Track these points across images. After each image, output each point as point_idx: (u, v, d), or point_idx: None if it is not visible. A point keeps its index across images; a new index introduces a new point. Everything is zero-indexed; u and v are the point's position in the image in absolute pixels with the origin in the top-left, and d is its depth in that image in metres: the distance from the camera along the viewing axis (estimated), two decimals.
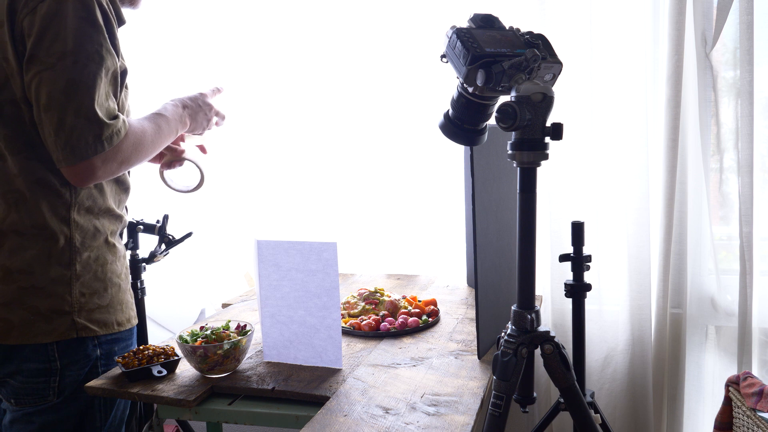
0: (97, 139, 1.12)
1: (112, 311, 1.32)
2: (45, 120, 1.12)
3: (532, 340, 0.97)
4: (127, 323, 1.36)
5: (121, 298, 1.35)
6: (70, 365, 1.26)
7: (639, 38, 1.82)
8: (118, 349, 1.34)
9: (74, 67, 1.11)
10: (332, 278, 1.23)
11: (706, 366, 1.95)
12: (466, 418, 1.04)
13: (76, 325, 1.25)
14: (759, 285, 1.79)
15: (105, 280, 1.30)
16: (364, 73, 2.10)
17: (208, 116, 1.44)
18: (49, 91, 1.10)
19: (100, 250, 1.30)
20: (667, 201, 1.81)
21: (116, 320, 1.33)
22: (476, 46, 0.90)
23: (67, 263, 1.24)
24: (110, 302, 1.31)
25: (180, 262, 2.15)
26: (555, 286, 1.94)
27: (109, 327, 1.31)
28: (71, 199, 1.24)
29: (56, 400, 1.26)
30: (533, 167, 0.93)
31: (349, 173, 2.18)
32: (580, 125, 1.89)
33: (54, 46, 1.11)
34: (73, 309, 1.25)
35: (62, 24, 1.11)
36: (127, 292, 1.39)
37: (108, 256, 1.32)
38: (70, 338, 1.24)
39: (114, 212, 1.34)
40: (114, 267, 1.34)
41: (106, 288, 1.30)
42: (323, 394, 1.15)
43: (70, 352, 1.25)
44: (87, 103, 1.11)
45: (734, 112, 1.80)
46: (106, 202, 1.31)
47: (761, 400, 1.46)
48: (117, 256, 1.36)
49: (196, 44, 2.18)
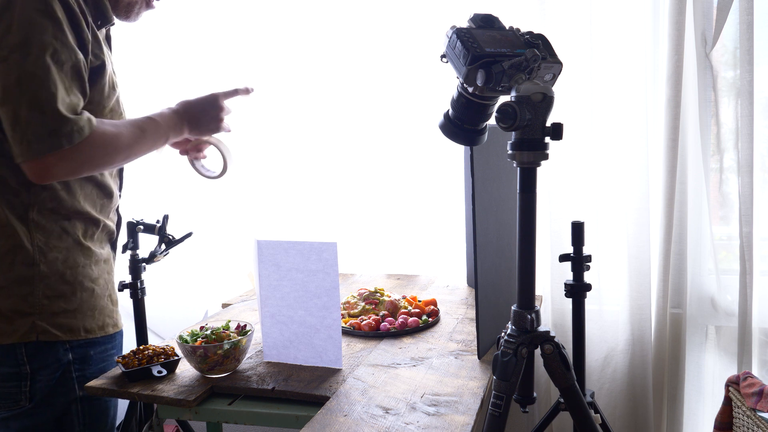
0: (53, 134, 1.08)
1: (80, 317, 1.26)
2: (2, 115, 1.09)
3: (532, 340, 0.97)
4: (99, 331, 1.30)
5: (94, 303, 1.29)
6: (41, 370, 1.23)
7: (639, 38, 1.82)
8: (95, 354, 1.29)
9: (27, 59, 1.07)
10: (332, 278, 1.23)
11: (706, 366, 1.95)
12: (466, 418, 1.04)
13: (36, 327, 1.21)
14: (759, 285, 1.79)
15: (74, 283, 1.25)
16: (365, 73, 2.10)
17: (217, 118, 1.37)
18: (3, 85, 1.08)
19: (70, 252, 1.25)
20: (667, 201, 1.81)
21: (84, 326, 1.27)
22: (476, 46, 0.90)
23: (30, 263, 1.20)
24: (79, 307, 1.26)
25: (180, 262, 2.15)
26: (555, 286, 1.94)
27: (75, 333, 1.25)
28: (29, 199, 1.20)
29: (29, 405, 1.23)
30: (533, 167, 0.93)
31: (349, 173, 2.17)
32: (580, 125, 1.89)
33: (6, 39, 1.08)
34: (35, 311, 1.21)
35: (14, 16, 1.07)
36: (104, 297, 1.32)
37: (80, 258, 1.27)
38: (34, 341, 1.21)
39: (89, 215, 1.29)
40: (87, 271, 1.28)
41: (74, 292, 1.25)
42: (323, 394, 1.15)
43: (39, 357, 1.22)
44: (42, 95, 1.07)
45: (734, 112, 1.80)
46: (77, 205, 1.26)
47: (761, 400, 1.46)
48: (92, 259, 1.30)
49: (195, 44, 2.18)
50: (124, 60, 1.76)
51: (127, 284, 1.63)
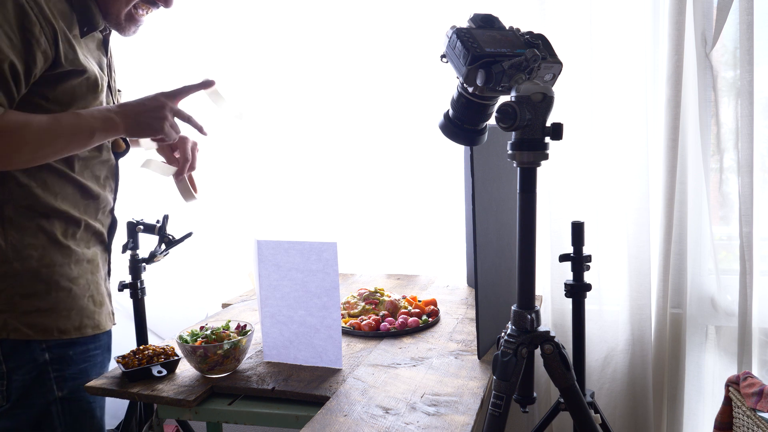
0: None
1: (54, 316, 1.24)
2: None
3: (532, 340, 0.97)
4: (75, 332, 1.27)
5: (71, 304, 1.27)
6: (17, 369, 1.21)
7: (639, 38, 1.82)
8: (74, 355, 1.27)
9: None
10: (332, 278, 1.23)
11: (706, 366, 1.95)
12: (466, 418, 1.04)
13: (8, 326, 1.19)
14: (759, 285, 1.79)
15: (49, 282, 1.23)
16: (365, 73, 2.10)
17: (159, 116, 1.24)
18: None
19: (46, 251, 1.23)
20: (667, 201, 1.81)
21: (58, 327, 1.24)
22: (476, 46, 0.90)
23: (2, 260, 1.19)
24: (53, 307, 1.24)
25: (180, 262, 2.15)
26: (555, 286, 1.94)
27: (48, 333, 1.23)
28: (2, 196, 1.19)
29: (6, 405, 1.22)
30: (533, 167, 0.93)
31: (349, 173, 2.18)
32: (580, 125, 1.89)
33: None
34: (7, 308, 1.20)
35: None
36: (84, 298, 1.29)
37: (57, 257, 1.25)
38: (7, 339, 1.19)
39: (69, 215, 1.27)
40: (65, 270, 1.26)
41: (49, 291, 1.23)
42: (323, 394, 1.15)
43: (15, 356, 1.21)
44: None
45: (734, 112, 1.80)
46: (54, 204, 1.24)
47: (761, 400, 1.46)
48: (72, 258, 1.28)
49: (195, 44, 2.18)
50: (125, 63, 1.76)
51: (127, 284, 1.63)
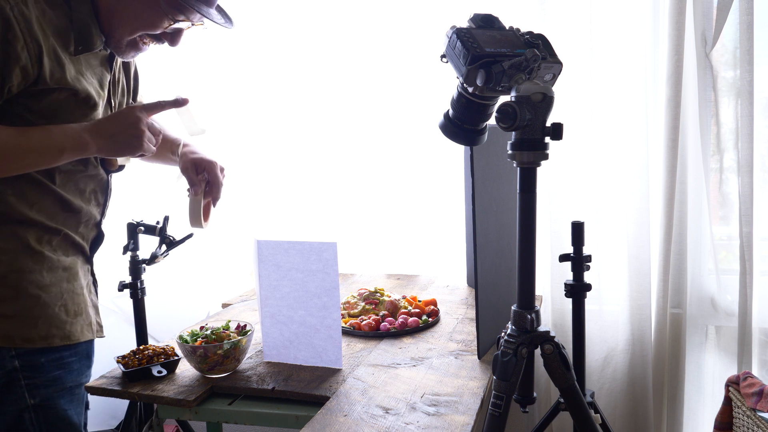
0: None
1: (18, 324, 1.19)
2: None
3: (532, 340, 0.97)
4: (41, 341, 1.22)
5: (38, 312, 1.22)
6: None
7: (639, 38, 1.82)
8: (47, 362, 1.23)
9: None
10: (332, 278, 1.23)
11: (706, 366, 1.95)
12: (466, 418, 1.04)
13: None
14: (759, 285, 1.79)
15: (17, 288, 1.20)
16: (365, 73, 2.10)
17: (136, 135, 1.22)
18: None
19: (17, 256, 1.20)
20: (667, 201, 1.81)
21: (22, 335, 1.20)
22: (476, 46, 0.90)
23: None
24: (18, 314, 1.19)
25: (180, 263, 2.14)
26: (555, 286, 1.94)
27: (10, 341, 1.19)
28: None
29: None
30: (533, 167, 0.93)
31: (349, 173, 2.18)
32: (580, 125, 1.89)
33: None
34: None
35: None
36: (54, 307, 1.24)
37: (28, 263, 1.21)
38: None
39: (45, 225, 1.24)
40: (36, 277, 1.22)
41: (16, 297, 1.19)
42: (323, 394, 1.15)
43: None
44: None
45: (734, 112, 1.80)
46: (29, 213, 1.21)
47: (761, 400, 1.46)
48: (45, 266, 1.24)
49: (195, 44, 2.18)
50: None
51: (127, 284, 1.63)
